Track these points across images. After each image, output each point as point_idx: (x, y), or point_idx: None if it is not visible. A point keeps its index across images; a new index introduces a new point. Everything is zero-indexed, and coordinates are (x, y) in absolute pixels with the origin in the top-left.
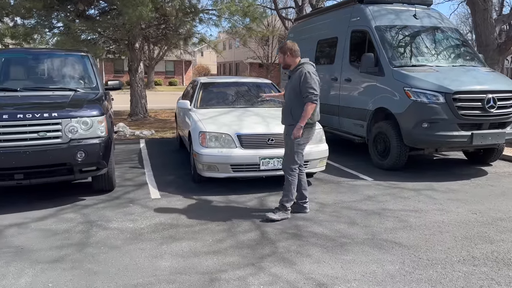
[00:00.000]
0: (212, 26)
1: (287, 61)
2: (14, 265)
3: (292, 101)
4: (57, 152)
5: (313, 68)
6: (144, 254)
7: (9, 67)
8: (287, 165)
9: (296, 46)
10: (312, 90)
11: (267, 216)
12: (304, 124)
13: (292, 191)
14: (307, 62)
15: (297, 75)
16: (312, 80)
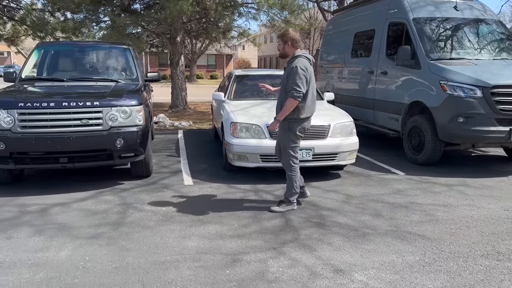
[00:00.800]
0: (251, 19)
1: (286, 51)
2: (56, 240)
3: (282, 94)
4: (98, 139)
5: (306, 62)
6: (174, 235)
7: (57, 59)
8: (285, 162)
9: (297, 36)
10: (295, 86)
11: (271, 209)
12: (282, 118)
13: (294, 185)
14: (302, 55)
15: (288, 68)
16: (298, 75)
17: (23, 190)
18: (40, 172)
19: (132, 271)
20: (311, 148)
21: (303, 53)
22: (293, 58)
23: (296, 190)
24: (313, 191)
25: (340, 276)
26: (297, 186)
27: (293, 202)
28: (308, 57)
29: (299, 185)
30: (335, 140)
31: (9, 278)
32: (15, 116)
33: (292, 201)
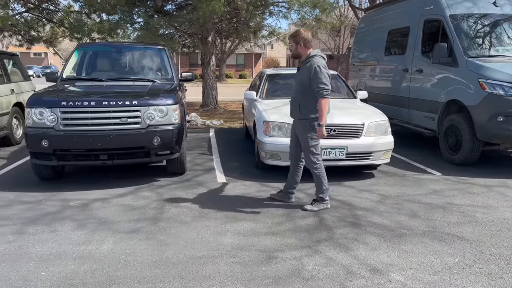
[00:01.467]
0: (282, 18)
1: (299, 51)
2: (98, 234)
3: (300, 95)
4: (136, 137)
5: (323, 62)
6: (209, 231)
7: (96, 60)
8: (308, 161)
9: (310, 35)
10: (323, 85)
11: (304, 208)
12: (324, 122)
13: (323, 182)
14: (318, 54)
15: (306, 68)
16: (323, 74)
17: (65, 186)
18: (79, 168)
19: (171, 265)
20: (344, 147)
21: (318, 53)
22: (309, 58)
23: (326, 186)
24: (346, 190)
25: (377, 276)
26: (326, 183)
27: (326, 200)
28: (323, 56)
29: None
30: (369, 139)
31: (56, 269)
32: (58, 114)
33: (325, 199)
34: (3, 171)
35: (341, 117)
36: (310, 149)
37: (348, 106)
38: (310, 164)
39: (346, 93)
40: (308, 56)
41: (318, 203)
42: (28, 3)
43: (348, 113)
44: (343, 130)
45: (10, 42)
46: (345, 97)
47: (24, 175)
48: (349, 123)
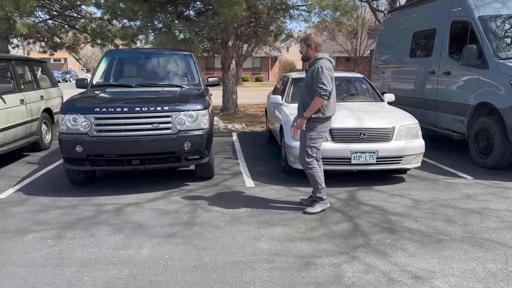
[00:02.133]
0: (302, 21)
1: (309, 54)
2: (135, 238)
3: (305, 95)
4: (167, 142)
5: (328, 64)
6: (244, 236)
7: (124, 66)
8: (302, 160)
9: (320, 39)
10: (321, 85)
11: (306, 211)
12: (308, 115)
13: (318, 181)
14: (324, 57)
15: (311, 70)
16: (324, 75)
17: (97, 191)
18: (109, 173)
19: (210, 270)
20: (375, 151)
21: (325, 55)
22: (315, 60)
23: (322, 185)
24: (377, 195)
25: (419, 283)
26: (322, 182)
27: (325, 198)
28: (329, 59)
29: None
30: (400, 143)
31: (98, 274)
32: (92, 120)
33: (323, 198)
34: (36, 176)
35: (371, 121)
36: (306, 149)
37: (377, 110)
38: (303, 163)
39: (373, 96)
40: (316, 59)
41: (317, 204)
42: (51, 10)
43: (378, 116)
44: (373, 134)
45: (31, 48)
46: (372, 100)
47: (56, 180)
48: (379, 127)
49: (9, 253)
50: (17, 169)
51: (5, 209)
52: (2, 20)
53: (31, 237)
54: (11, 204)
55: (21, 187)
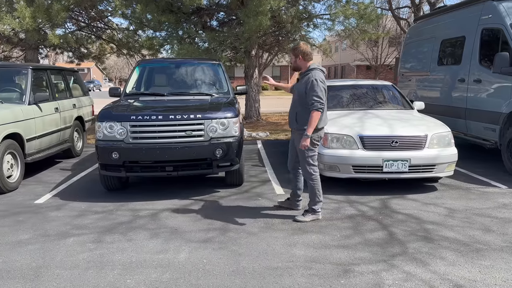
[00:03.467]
0: (325, 30)
1: (298, 64)
2: (172, 243)
3: (298, 105)
4: (200, 149)
5: (321, 75)
6: (279, 242)
7: (155, 75)
8: (305, 171)
9: (309, 49)
10: (317, 98)
11: (296, 219)
12: (310, 133)
13: (317, 194)
14: (317, 68)
15: (305, 81)
16: (319, 88)
17: (131, 196)
18: (142, 180)
19: (249, 275)
20: (407, 159)
21: (318, 66)
22: (308, 71)
23: (320, 198)
24: (411, 204)
25: None
26: (320, 195)
27: (318, 211)
28: (322, 70)
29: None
30: (433, 151)
31: (140, 277)
32: (128, 128)
33: (317, 211)
34: (71, 182)
35: (403, 129)
36: (307, 160)
37: (408, 118)
38: (306, 175)
39: (402, 104)
40: (308, 69)
41: (310, 214)
42: (80, 22)
43: (410, 124)
44: (405, 142)
45: (56, 58)
46: (401, 108)
47: (90, 186)
48: (411, 135)
49: (53, 256)
50: (52, 175)
51: (44, 214)
52: (34, 32)
53: (72, 241)
54: (49, 209)
55: (57, 193)
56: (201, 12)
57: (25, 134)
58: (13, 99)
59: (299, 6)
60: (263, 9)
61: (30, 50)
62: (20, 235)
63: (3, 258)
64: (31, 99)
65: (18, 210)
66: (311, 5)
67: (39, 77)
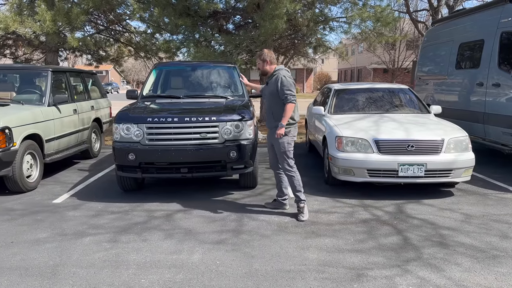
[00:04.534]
0: (341, 33)
1: (266, 68)
2: (186, 244)
3: (272, 105)
4: (214, 151)
5: (287, 73)
6: (292, 245)
7: (171, 78)
8: (284, 165)
9: (273, 54)
10: (289, 91)
11: (300, 219)
12: (285, 123)
13: (295, 183)
14: (282, 69)
15: (273, 81)
16: (288, 82)
17: (146, 197)
18: (157, 181)
19: (261, 277)
20: (423, 164)
21: (282, 67)
22: (275, 71)
23: (300, 188)
24: (426, 209)
25: None
26: (300, 185)
27: (303, 199)
28: (287, 69)
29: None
30: (450, 156)
31: (154, 277)
32: (144, 130)
33: (302, 199)
34: (88, 182)
35: (419, 133)
36: (286, 153)
37: (424, 122)
38: (285, 168)
39: (419, 108)
40: (274, 70)
41: (304, 209)
42: (98, 25)
43: (426, 128)
44: (421, 146)
45: (75, 61)
46: (418, 112)
47: (107, 186)
48: (428, 139)
49: (69, 255)
50: (70, 176)
51: (62, 213)
52: (54, 34)
53: (88, 240)
54: (67, 209)
55: (75, 193)
56: (218, 15)
57: (44, 135)
58: (33, 101)
59: (315, 9)
60: (279, 12)
61: (50, 53)
62: (38, 233)
63: (22, 256)
64: (50, 101)
65: (37, 209)
66: (327, 8)
67: (59, 79)
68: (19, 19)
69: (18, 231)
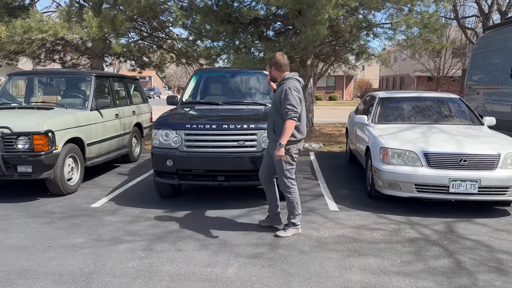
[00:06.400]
0: (385, 39)
1: (272, 74)
2: (221, 256)
3: (274, 116)
4: (252, 159)
5: (296, 84)
6: (333, 264)
7: (211, 84)
8: (282, 184)
9: (284, 59)
10: (291, 106)
11: (276, 234)
12: (285, 142)
13: (296, 206)
14: (293, 77)
15: (279, 91)
16: (292, 96)
17: (182, 204)
18: (194, 188)
19: None
20: (477, 180)
21: (293, 75)
22: (283, 80)
23: (299, 211)
24: (480, 229)
25: None
26: (299, 207)
27: (298, 224)
28: (298, 79)
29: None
30: (507, 172)
31: None
32: (182, 136)
33: (296, 224)
34: (127, 187)
35: (473, 146)
36: (284, 173)
37: (478, 134)
38: (284, 188)
39: (470, 119)
40: (283, 79)
41: (290, 228)
42: (142, 32)
43: (480, 141)
44: (475, 160)
45: (119, 67)
46: (469, 123)
47: (144, 191)
48: (482, 153)
49: (104, 262)
50: (109, 179)
51: (99, 218)
52: (100, 40)
53: (124, 247)
54: (104, 213)
55: (113, 197)
56: (258, 22)
57: (86, 139)
58: (76, 105)
59: (359, 15)
60: (321, 18)
61: (96, 58)
62: (75, 238)
63: (58, 261)
64: (93, 105)
65: (75, 213)
66: (371, 14)
67: (102, 84)
68: (67, 26)
69: (56, 235)
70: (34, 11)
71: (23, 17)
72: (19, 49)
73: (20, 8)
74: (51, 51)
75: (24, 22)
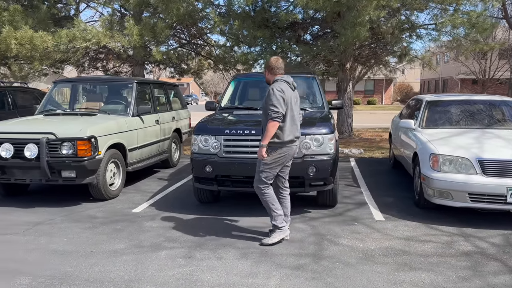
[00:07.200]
0: (429, 41)
1: (266, 77)
2: (262, 266)
3: (264, 119)
4: (293, 166)
5: (282, 85)
6: (381, 278)
7: (249, 89)
8: (255, 184)
9: (277, 63)
10: (272, 107)
11: (262, 243)
12: (266, 143)
13: (272, 207)
14: (280, 79)
15: (267, 93)
16: (274, 97)
17: (222, 210)
18: (233, 194)
19: None
20: None
21: (282, 77)
22: (272, 82)
23: (277, 212)
24: None
25: None
26: (276, 208)
27: (282, 226)
28: (287, 81)
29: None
30: None
31: None
32: (221, 142)
33: (279, 226)
34: (167, 192)
35: None
36: (259, 174)
37: None
38: (256, 187)
39: None
40: (273, 81)
41: (274, 233)
42: (181, 39)
43: None
44: None
45: (159, 74)
46: None
47: (184, 196)
48: None
49: (144, 270)
50: (150, 185)
51: (140, 224)
52: (141, 48)
53: (164, 254)
54: (145, 219)
55: (154, 202)
56: (296, 26)
57: (127, 144)
58: (118, 111)
59: (401, 16)
60: (361, 20)
61: (137, 66)
62: (117, 244)
63: (99, 267)
64: (134, 111)
65: (117, 218)
66: (414, 14)
67: (143, 90)
68: (109, 34)
69: (98, 240)
70: (79, 21)
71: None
72: (64, 57)
73: (66, 19)
74: (94, 59)
75: (69, 32)
